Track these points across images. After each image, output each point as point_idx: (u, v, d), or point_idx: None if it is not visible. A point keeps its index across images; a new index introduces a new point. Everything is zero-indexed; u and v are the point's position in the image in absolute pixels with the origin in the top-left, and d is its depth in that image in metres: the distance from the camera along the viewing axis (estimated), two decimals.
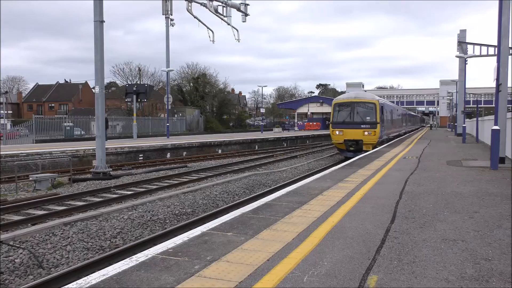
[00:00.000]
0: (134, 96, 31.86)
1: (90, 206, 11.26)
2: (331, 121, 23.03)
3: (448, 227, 5.63)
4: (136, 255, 4.49)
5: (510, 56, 14.84)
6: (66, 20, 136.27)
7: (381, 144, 23.31)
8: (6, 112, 58.40)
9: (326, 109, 68.67)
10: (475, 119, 32.53)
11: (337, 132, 22.19)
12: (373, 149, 20.68)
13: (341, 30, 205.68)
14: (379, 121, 21.58)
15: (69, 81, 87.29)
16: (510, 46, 14.79)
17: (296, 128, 63.76)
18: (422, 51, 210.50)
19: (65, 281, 5.91)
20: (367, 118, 21.64)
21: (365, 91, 27.31)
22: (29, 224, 9.46)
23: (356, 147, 21.69)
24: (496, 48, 14.77)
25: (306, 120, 72.33)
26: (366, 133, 21.42)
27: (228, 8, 22.26)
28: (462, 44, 33.48)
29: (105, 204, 11.66)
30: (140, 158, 22.98)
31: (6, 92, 73.95)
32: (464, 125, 30.66)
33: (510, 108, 24.33)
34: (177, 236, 5.36)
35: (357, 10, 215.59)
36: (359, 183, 9.24)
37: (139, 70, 61.22)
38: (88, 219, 9.63)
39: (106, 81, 58.31)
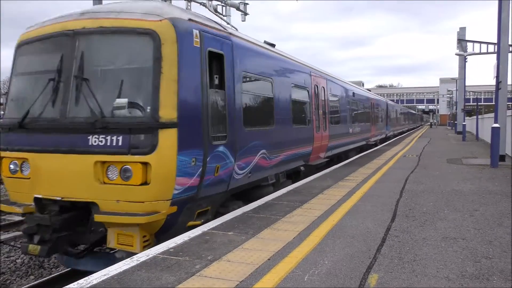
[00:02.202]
0: None
1: None
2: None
3: (448, 225, 5.63)
4: (137, 255, 4.50)
5: (510, 54, 14.84)
6: None
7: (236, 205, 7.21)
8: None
9: None
10: (475, 117, 32.51)
11: (11, 167, 5.73)
12: (159, 239, 5.36)
13: (341, 29, 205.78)
14: (175, 116, 5.08)
15: None
16: (510, 43, 14.78)
17: None
18: (422, 49, 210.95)
19: (67, 281, 5.92)
20: (122, 96, 5.11)
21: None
22: None
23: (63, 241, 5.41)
24: (496, 46, 14.75)
25: None
26: (110, 174, 5.06)
27: (228, 7, 22.23)
28: (462, 42, 33.43)
29: None
30: None
31: (6, 92, 73.86)
32: (464, 123, 30.65)
33: (510, 105, 24.31)
34: (178, 235, 5.36)
35: (357, 9, 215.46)
36: (359, 182, 9.23)
37: None
38: None
39: None
